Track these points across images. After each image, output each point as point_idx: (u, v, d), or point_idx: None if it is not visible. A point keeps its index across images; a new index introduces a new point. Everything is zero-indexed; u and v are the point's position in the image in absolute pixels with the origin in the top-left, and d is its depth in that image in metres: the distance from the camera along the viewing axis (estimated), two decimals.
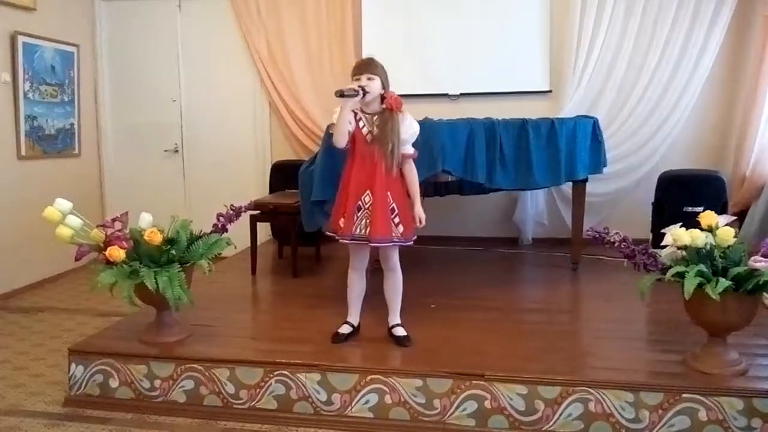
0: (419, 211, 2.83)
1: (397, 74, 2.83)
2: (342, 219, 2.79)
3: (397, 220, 2.76)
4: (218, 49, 5.54)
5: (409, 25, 5.18)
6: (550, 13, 5.01)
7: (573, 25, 4.88)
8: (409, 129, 2.79)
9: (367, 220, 2.74)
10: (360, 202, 2.75)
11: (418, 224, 2.83)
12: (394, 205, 2.76)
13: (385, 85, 2.75)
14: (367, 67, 2.74)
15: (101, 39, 5.68)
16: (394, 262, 2.87)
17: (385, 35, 5.17)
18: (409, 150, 2.82)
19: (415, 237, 2.86)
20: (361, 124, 2.77)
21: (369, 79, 2.70)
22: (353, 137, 2.76)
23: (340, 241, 2.81)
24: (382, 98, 2.75)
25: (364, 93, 2.67)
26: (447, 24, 5.12)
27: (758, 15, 4.61)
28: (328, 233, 2.91)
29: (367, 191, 2.75)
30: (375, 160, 2.73)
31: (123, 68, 5.72)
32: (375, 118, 2.76)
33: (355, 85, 2.68)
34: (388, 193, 2.75)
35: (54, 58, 5.09)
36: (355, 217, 2.75)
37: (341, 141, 2.73)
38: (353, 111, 2.75)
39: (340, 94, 2.62)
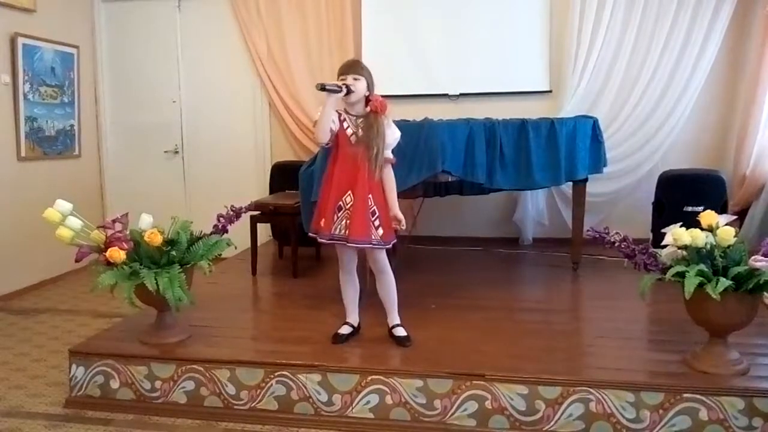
0: (398, 213, 2.81)
1: (397, 74, 2.84)
2: (323, 219, 2.80)
3: (377, 222, 2.76)
4: (218, 49, 5.54)
5: (409, 26, 5.18)
6: (550, 14, 5.01)
7: (573, 25, 4.88)
8: (392, 135, 2.79)
9: (347, 221, 2.74)
10: (341, 202, 2.76)
11: (399, 227, 2.81)
12: (374, 207, 2.76)
13: (370, 87, 2.75)
14: (352, 67, 2.75)
15: (101, 40, 5.69)
16: (382, 263, 2.86)
17: (385, 35, 5.17)
18: (389, 155, 2.81)
19: (395, 240, 2.86)
20: (345, 125, 2.77)
21: (355, 79, 2.71)
22: (337, 138, 2.76)
23: (320, 240, 2.82)
24: (367, 101, 2.75)
25: (348, 91, 2.67)
26: (447, 24, 5.12)
27: (758, 14, 4.62)
28: (310, 234, 2.91)
29: (349, 192, 2.75)
30: (358, 161, 2.73)
31: (123, 69, 5.72)
32: (359, 120, 2.76)
33: (339, 82, 2.68)
34: (370, 195, 2.74)
35: (54, 60, 5.09)
36: (335, 217, 2.76)
37: (322, 137, 2.72)
38: (338, 112, 2.76)
39: (322, 87, 2.61)
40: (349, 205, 2.74)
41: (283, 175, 4.93)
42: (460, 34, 5.11)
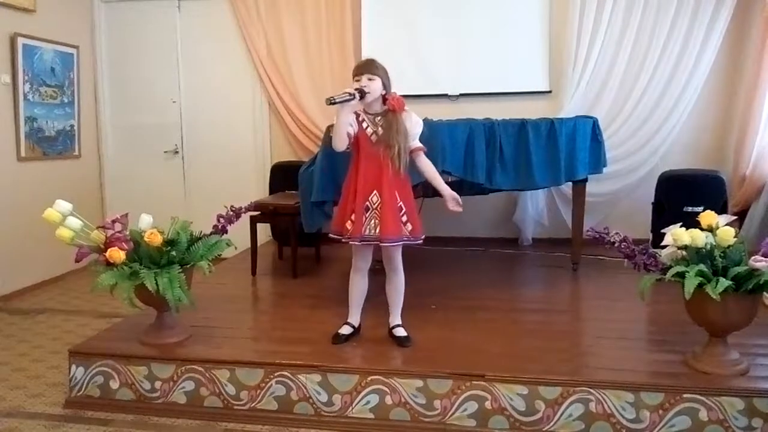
0: (452, 192, 2.80)
1: (396, 75, 2.83)
2: (349, 221, 2.78)
3: (405, 218, 2.77)
4: (218, 50, 5.54)
5: (409, 26, 5.18)
6: (550, 14, 5.01)
7: (572, 25, 4.89)
8: (416, 126, 2.79)
9: (376, 220, 2.73)
10: (368, 203, 2.75)
11: (458, 208, 2.79)
12: (401, 203, 2.76)
13: (386, 85, 2.75)
14: (367, 67, 2.74)
15: (101, 40, 5.69)
16: (397, 262, 2.87)
17: (385, 36, 5.17)
18: (418, 144, 2.80)
19: (424, 236, 2.85)
20: (364, 125, 2.77)
21: (369, 79, 2.70)
22: (357, 138, 2.76)
23: (350, 243, 2.80)
24: (384, 99, 2.74)
25: (362, 94, 2.66)
26: (447, 24, 5.12)
27: (757, 15, 4.62)
28: (333, 236, 2.88)
29: (375, 191, 2.74)
30: (381, 160, 2.72)
31: (123, 69, 5.72)
32: (378, 118, 2.76)
33: (350, 89, 2.67)
34: (396, 192, 2.75)
35: (54, 60, 5.09)
36: (364, 218, 2.75)
37: (340, 145, 2.72)
38: (356, 112, 2.75)
39: (332, 102, 2.61)
40: (376, 205, 2.74)
41: (283, 176, 4.93)
42: (460, 34, 5.11)
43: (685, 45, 4.74)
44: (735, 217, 2.93)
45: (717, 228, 2.49)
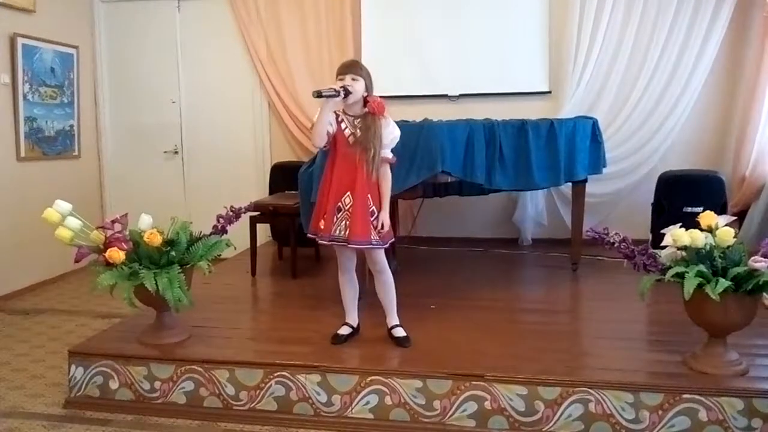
0: (384, 216, 2.76)
1: (396, 75, 2.84)
2: (322, 220, 2.79)
3: (376, 223, 2.75)
4: (217, 50, 5.55)
5: (409, 26, 5.18)
6: (550, 14, 5.01)
7: (572, 25, 4.89)
8: (390, 134, 2.76)
9: (347, 222, 2.73)
10: (340, 204, 2.75)
11: (380, 229, 2.75)
12: (373, 208, 2.75)
13: (368, 87, 2.74)
14: (351, 68, 2.73)
15: (100, 40, 5.69)
16: (381, 263, 2.85)
17: (385, 36, 5.18)
18: (388, 155, 2.79)
19: (393, 239, 2.86)
20: (343, 125, 2.76)
21: (353, 80, 2.69)
22: (335, 138, 2.76)
23: (319, 242, 2.82)
24: (365, 101, 2.74)
25: (346, 93, 2.65)
26: (447, 24, 5.13)
27: (757, 16, 4.62)
28: (309, 235, 2.90)
29: (348, 193, 2.73)
30: (356, 162, 2.72)
31: (122, 69, 5.72)
32: (357, 120, 2.75)
33: (336, 85, 2.67)
34: (369, 195, 2.74)
35: (53, 60, 5.09)
36: (335, 218, 2.75)
37: (319, 141, 2.72)
38: (335, 113, 2.75)
39: (318, 95, 2.60)
40: (348, 206, 2.73)
41: (283, 176, 4.94)
42: (460, 34, 5.11)
43: (685, 45, 4.75)
44: (734, 218, 2.93)
45: (716, 228, 2.49)
